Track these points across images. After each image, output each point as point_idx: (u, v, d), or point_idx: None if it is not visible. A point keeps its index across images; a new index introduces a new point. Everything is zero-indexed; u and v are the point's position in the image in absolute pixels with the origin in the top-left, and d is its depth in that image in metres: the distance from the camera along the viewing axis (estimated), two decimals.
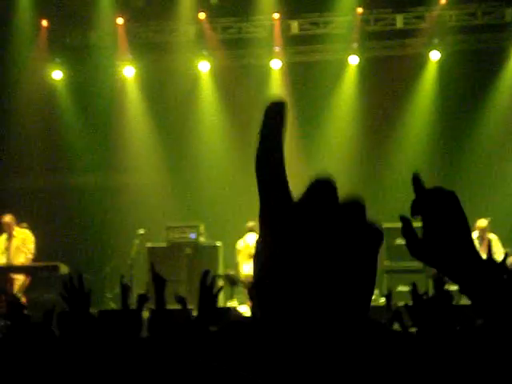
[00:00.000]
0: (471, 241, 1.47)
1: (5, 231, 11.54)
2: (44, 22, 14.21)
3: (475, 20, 13.86)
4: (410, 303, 3.80)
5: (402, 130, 14.39)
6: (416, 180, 1.56)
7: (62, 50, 14.53)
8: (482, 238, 11.19)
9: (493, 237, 11.14)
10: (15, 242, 11.52)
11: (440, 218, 1.51)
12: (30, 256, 11.48)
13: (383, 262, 12.40)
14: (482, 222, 11.21)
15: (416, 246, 1.51)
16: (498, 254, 10.85)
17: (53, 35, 14.34)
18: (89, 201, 14.70)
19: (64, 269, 11.42)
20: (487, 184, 13.65)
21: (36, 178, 15.04)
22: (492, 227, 11.33)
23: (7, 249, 11.48)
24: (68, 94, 14.92)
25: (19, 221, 11.82)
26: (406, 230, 1.53)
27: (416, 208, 1.54)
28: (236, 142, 14.66)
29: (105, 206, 14.61)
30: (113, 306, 12.21)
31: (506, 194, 13.51)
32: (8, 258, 11.45)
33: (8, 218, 11.53)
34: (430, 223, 1.50)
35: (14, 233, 11.53)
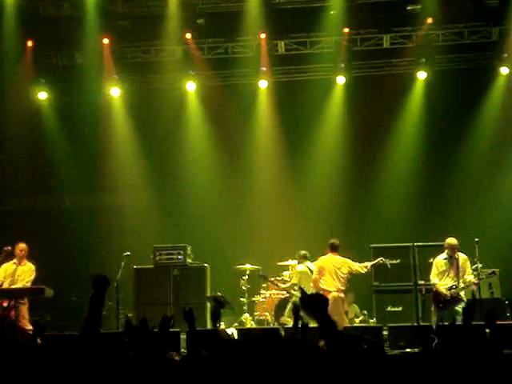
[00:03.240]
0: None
1: (16, 257, 11.42)
2: (29, 43, 14.09)
3: (462, 39, 13.88)
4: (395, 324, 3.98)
5: (390, 148, 14.36)
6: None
7: (47, 70, 14.42)
8: (450, 257, 10.78)
9: (462, 256, 10.77)
10: (19, 271, 11.44)
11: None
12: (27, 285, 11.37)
13: (372, 282, 12.31)
14: (452, 240, 10.84)
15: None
16: (468, 274, 10.65)
17: (38, 55, 14.22)
18: (75, 222, 14.58)
19: (49, 292, 11.26)
20: (476, 199, 13.63)
21: (21, 199, 14.90)
22: (481, 244, 11.10)
23: (12, 275, 11.36)
24: (53, 114, 14.82)
25: (4, 243, 11.65)
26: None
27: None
28: (224, 163, 14.60)
29: (91, 227, 14.48)
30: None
31: (495, 209, 13.47)
32: (11, 284, 11.34)
33: (23, 247, 11.44)
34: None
35: (22, 263, 11.45)
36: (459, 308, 10.17)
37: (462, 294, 10.59)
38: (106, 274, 4.51)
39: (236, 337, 9.89)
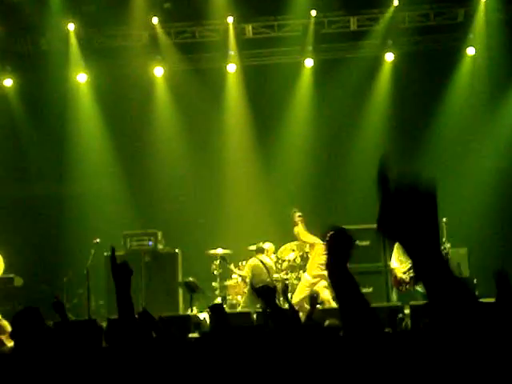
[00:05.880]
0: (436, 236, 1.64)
1: None
2: None
3: (428, 21, 13.96)
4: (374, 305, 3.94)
5: (358, 131, 14.42)
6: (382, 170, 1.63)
7: (12, 57, 14.23)
8: None
9: None
10: None
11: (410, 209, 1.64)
12: None
13: None
14: None
15: (386, 220, 1.61)
16: None
17: (2, 42, 14.02)
18: (44, 210, 14.45)
19: (18, 281, 11.19)
20: (445, 180, 13.71)
21: None
22: (449, 224, 11.24)
23: None
24: (20, 101, 14.62)
25: None
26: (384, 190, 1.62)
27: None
28: (192, 147, 14.56)
29: (60, 215, 14.36)
30: (71, 316, 11.96)
31: (464, 190, 13.58)
32: None
33: None
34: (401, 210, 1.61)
35: None
36: (419, 288, 10.37)
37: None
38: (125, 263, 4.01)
39: (208, 322, 9.91)
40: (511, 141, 13.92)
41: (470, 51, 13.91)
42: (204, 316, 10.66)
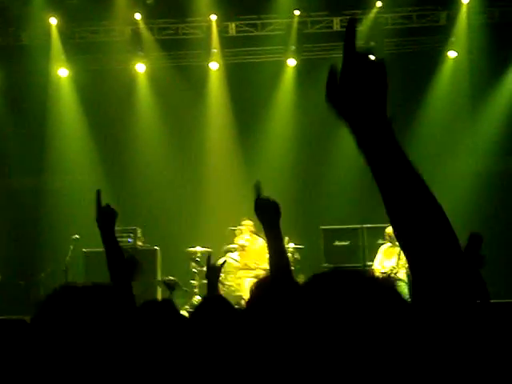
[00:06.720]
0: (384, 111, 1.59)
1: None
2: None
3: (411, 23, 14.02)
4: None
5: (340, 131, 14.42)
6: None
7: None
8: (394, 245, 11.04)
9: None
10: None
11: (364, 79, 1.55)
12: None
13: (322, 264, 12.42)
14: (387, 229, 11.07)
15: (335, 92, 1.56)
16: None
17: None
18: (22, 205, 14.34)
19: None
20: (427, 183, 13.77)
21: None
22: None
23: None
24: (0, 95, 14.51)
25: None
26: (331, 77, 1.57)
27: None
28: (173, 145, 14.51)
29: (39, 210, 14.26)
30: None
31: (446, 193, 13.61)
32: None
33: None
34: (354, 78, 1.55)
35: None
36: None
37: (402, 276, 10.81)
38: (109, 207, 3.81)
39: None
40: (491, 143, 14.01)
41: (452, 54, 13.99)
42: (183, 313, 10.60)
